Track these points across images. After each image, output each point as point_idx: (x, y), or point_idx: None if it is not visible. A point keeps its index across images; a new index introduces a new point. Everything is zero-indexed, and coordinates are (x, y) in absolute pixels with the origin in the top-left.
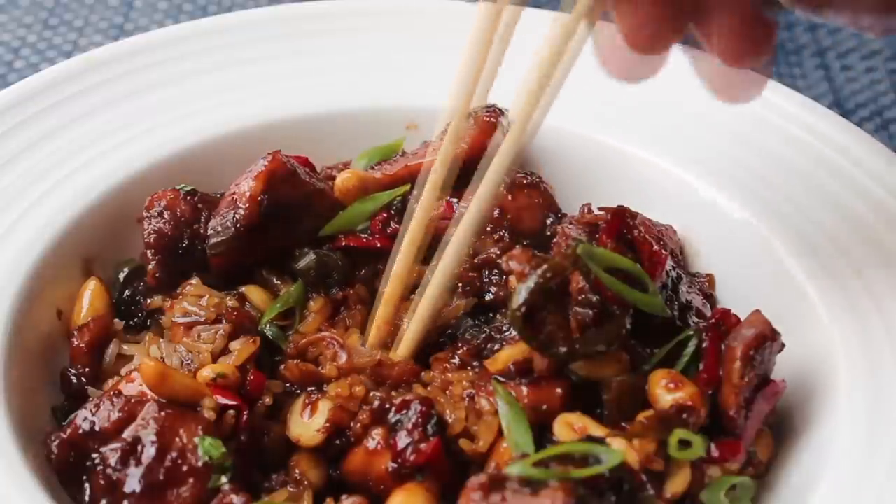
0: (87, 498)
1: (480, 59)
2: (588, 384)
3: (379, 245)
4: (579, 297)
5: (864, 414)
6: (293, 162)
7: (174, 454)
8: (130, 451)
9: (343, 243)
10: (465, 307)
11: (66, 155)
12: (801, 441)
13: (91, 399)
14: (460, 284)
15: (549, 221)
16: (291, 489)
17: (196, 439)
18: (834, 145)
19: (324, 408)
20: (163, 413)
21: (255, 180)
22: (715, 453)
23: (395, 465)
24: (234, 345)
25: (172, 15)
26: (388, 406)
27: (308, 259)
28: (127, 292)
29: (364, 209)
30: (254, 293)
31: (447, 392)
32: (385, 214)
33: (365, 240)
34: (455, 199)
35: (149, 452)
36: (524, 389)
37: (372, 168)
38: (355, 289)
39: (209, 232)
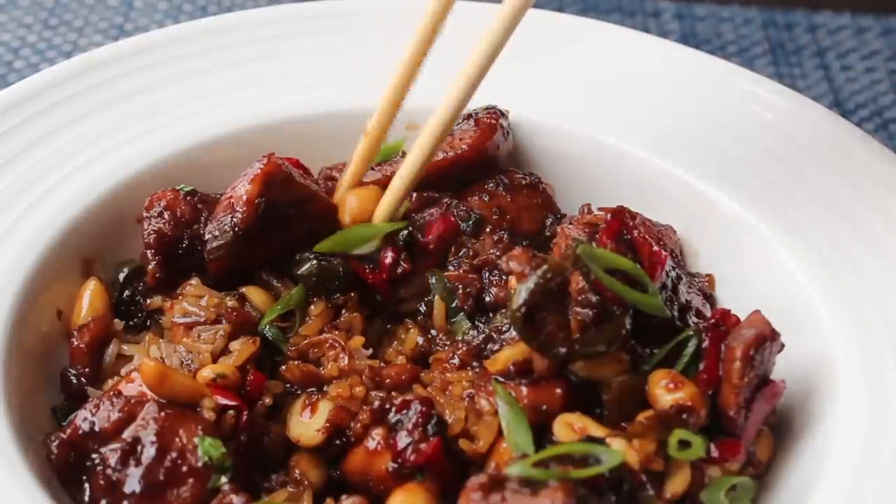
0: (87, 498)
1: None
2: (588, 384)
3: (384, 283)
4: (579, 298)
5: (864, 414)
6: (287, 164)
7: (174, 454)
8: (130, 452)
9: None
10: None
11: (66, 155)
12: (801, 441)
13: (91, 399)
14: (459, 286)
15: (548, 222)
16: (291, 489)
17: (196, 439)
18: (834, 145)
19: (324, 408)
20: (163, 413)
21: (251, 183)
22: (715, 453)
23: (396, 465)
24: (234, 345)
25: (172, 15)
26: (388, 406)
27: (309, 265)
28: (127, 292)
29: (363, 234)
30: (254, 294)
31: (447, 392)
32: (394, 254)
33: (369, 272)
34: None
35: (149, 453)
36: (524, 390)
37: (372, 169)
38: (356, 294)
39: (206, 237)
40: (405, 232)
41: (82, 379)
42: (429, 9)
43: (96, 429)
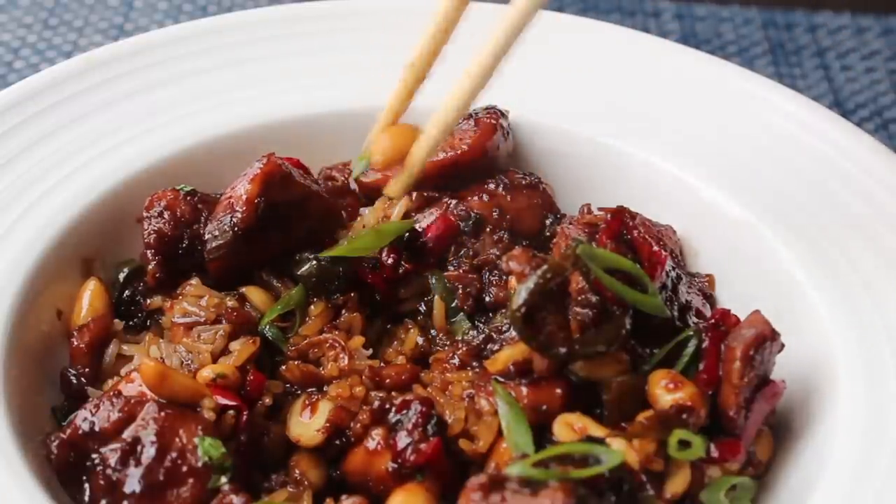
0: (86, 498)
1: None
2: (588, 384)
3: (384, 283)
4: (579, 298)
5: (864, 414)
6: (287, 164)
7: (174, 454)
8: (130, 452)
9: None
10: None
11: (66, 155)
12: (801, 441)
13: (91, 399)
14: (459, 286)
15: (548, 222)
16: (291, 489)
17: (196, 439)
18: (834, 145)
19: (324, 408)
20: (163, 413)
21: (251, 183)
22: (715, 453)
23: (395, 465)
24: (234, 345)
25: (172, 15)
26: (388, 406)
27: (309, 265)
28: (127, 292)
29: (371, 243)
30: (254, 294)
31: (447, 392)
32: (395, 255)
33: (369, 272)
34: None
35: (149, 453)
36: (524, 390)
37: (371, 169)
38: (356, 294)
39: (206, 237)
40: (406, 233)
41: (82, 379)
42: None
43: (96, 429)
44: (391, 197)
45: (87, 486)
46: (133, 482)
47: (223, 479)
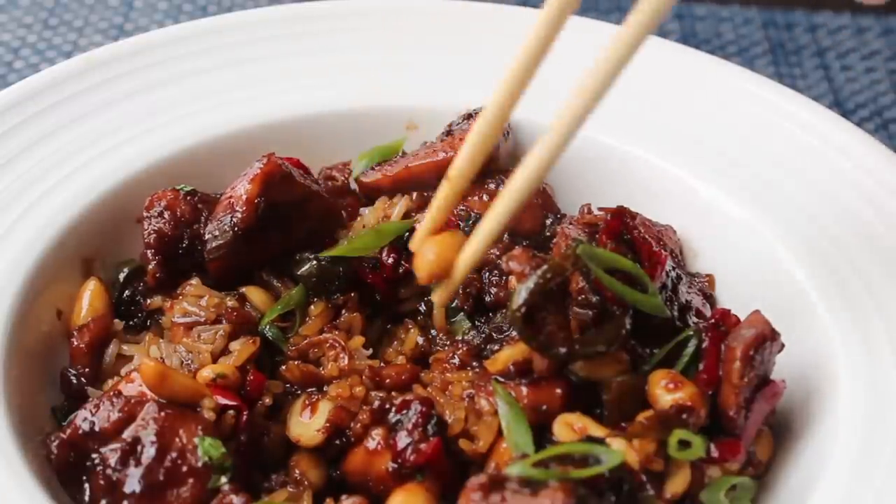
0: (87, 498)
1: (532, 66)
2: (588, 384)
3: (384, 283)
4: (579, 298)
5: (864, 414)
6: (287, 164)
7: (174, 454)
8: (130, 452)
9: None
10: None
11: (66, 155)
12: (801, 441)
13: (91, 399)
14: (460, 286)
15: (548, 222)
16: (291, 489)
17: (196, 439)
18: (834, 145)
19: (324, 408)
20: (163, 413)
21: (251, 183)
22: (715, 453)
23: (395, 465)
24: (234, 345)
25: (172, 15)
26: (388, 406)
27: (309, 265)
28: (127, 292)
29: (371, 242)
30: (254, 294)
31: (447, 392)
32: (395, 255)
33: (369, 272)
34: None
35: (149, 453)
36: (524, 390)
37: (372, 169)
38: (356, 294)
39: (206, 237)
40: (406, 232)
41: (82, 379)
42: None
43: (96, 429)
44: (438, 305)
45: (87, 486)
46: (133, 482)
47: (223, 479)
